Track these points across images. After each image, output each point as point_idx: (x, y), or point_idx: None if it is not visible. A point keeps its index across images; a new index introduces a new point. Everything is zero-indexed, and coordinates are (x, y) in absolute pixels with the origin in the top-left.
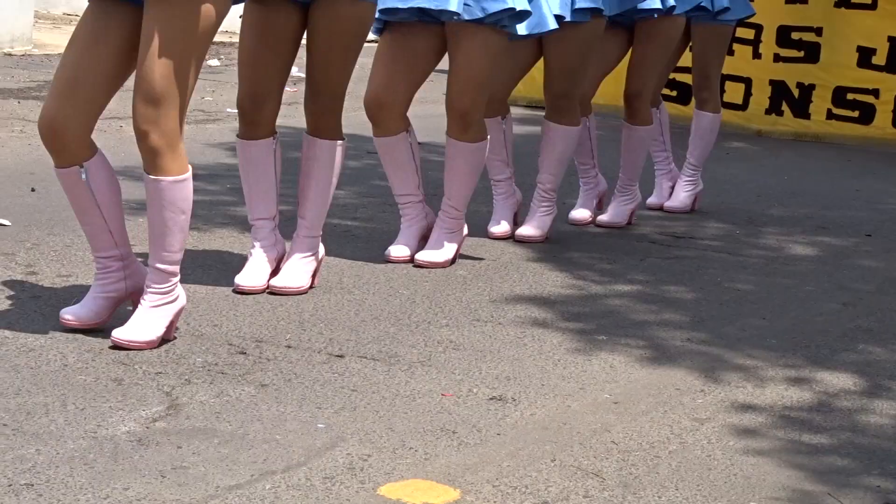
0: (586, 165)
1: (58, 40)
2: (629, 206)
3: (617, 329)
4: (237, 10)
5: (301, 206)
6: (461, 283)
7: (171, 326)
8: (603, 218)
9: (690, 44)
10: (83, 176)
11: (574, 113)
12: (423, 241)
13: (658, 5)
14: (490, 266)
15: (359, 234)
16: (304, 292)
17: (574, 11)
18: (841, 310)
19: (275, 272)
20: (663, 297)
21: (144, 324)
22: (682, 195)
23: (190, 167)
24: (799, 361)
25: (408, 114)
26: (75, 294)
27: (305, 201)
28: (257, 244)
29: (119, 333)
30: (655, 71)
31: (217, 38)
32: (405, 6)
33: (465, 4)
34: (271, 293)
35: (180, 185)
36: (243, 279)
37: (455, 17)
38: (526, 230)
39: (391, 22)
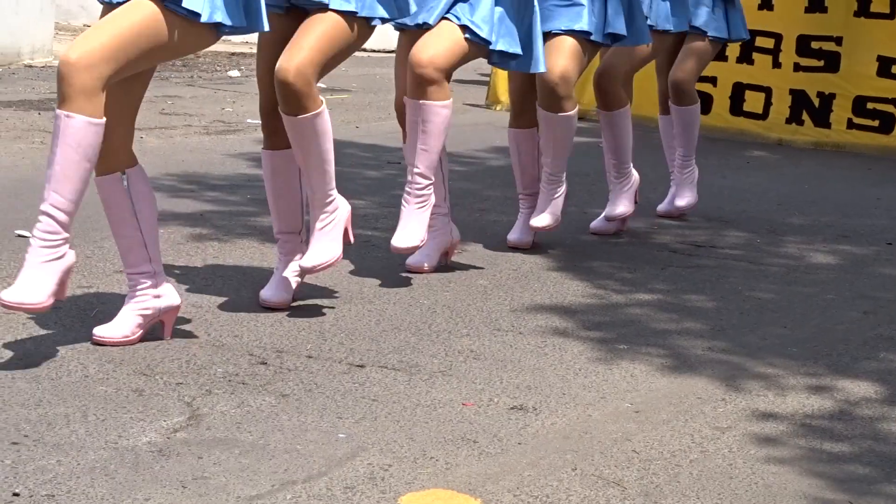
0: (619, 161)
1: None
2: (633, 191)
3: (638, 338)
4: None
5: (307, 189)
6: (481, 292)
7: (63, 286)
8: (613, 211)
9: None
10: (124, 183)
11: (570, 98)
12: (443, 257)
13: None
14: (510, 275)
15: (379, 245)
16: (336, 264)
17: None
18: (862, 318)
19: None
20: (684, 305)
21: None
22: (686, 190)
23: (104, 118)
24: (820, 370)
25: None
26: (96, 305)
27: (309, 183)
28: (282, 258)
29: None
30: (702, 65)
31: (237, 50)
32: (412, 24)
33: (444, 17)
34: (302, 274)
35: (92, 128)
36: (267, 293)
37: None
38: (540, 220)
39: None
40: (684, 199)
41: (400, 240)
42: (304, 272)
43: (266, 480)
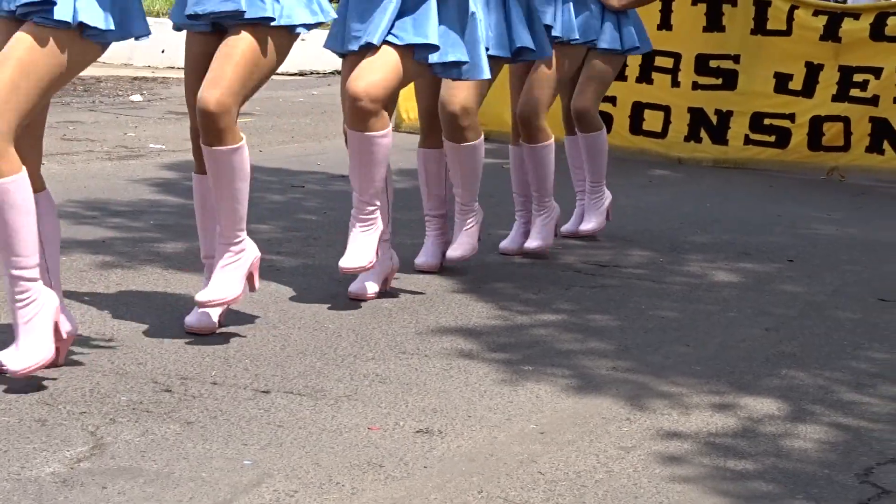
0: (523, 196)
1: None
2: (553, 223)
3: (543, 359)
4: (159, 46)
5: (218, 222)
6: (387, 315)
7: (59, 329)
8: (532, 244)
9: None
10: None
11: (476, 128)
12: (383, 285)
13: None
14: (415, 298)
15: (283, 269)
16: (237, 301)
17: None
18: (764, 335)
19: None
20: (588, 326)
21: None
22: (595, 213)
23: (23, 169)
24: (723, 388)
25: None
26: None
27: (220, 214)
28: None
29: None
30: (604, 88)
31: (139, 74)
32: (357, 48)
33: (390, 33)
34: (200, 306)
35: (15, 185)
36: (193, 320)
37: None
38: (455, 251)
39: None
40: (590, 224)
41: (347, 261)
42: (198, 305)
43: None
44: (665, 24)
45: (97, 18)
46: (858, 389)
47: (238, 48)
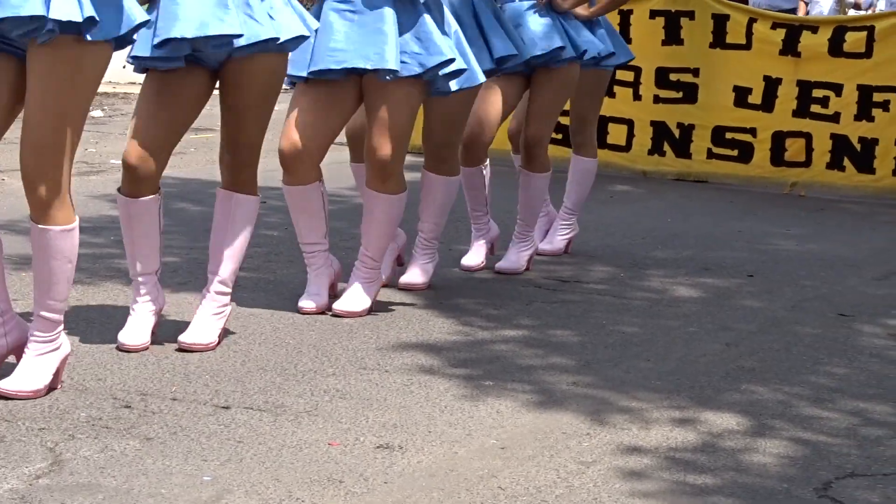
0: (479, 212)
1: None
2: (527, 253)
3: (503, 374)
4: (121, 61)
5: (213, 262)
6: (347, 331)
7: (58, 375)
8: (502, 265)
9: None
10: None
11: (455, 162)
12: (330, 290)
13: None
14: (376, 314)
15: (244, 285)
16: (212, 349)
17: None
18: (724, 350)
19: (157, 324)
20: (549, 341)
21: (30, 373)
22: (557, 238)
23: (77, 217)
24: (683, 402)
25: None
26: None
27: (219, 257)
28: (140, 300)
29: (5, 384)
30: (555, 117)
31: (100, 89)
32: (339, 67)
33: (401, 61)
34: (180, 350)
35: (68, 235)
36: (127, 337)
37: (389, 77)
38: (410, 277)
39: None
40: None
41: (343, 304)
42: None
43: None
44: (624, 37)
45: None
46: (818, 404)
47: (262, 88)
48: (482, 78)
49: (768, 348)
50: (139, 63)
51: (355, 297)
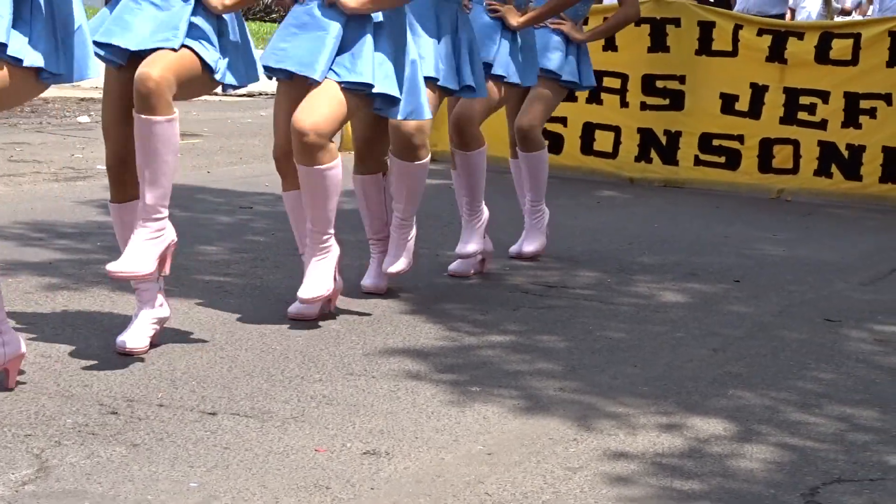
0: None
1: None
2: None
3: (490, 380)
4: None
5: (141, 188)
6: (334, 337)
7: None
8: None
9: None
10: None
11: (426, 147)
12: (327, 304)
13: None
14: (363, 319)
15: (231, 290)
16: (148, 277)
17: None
18: (711, 356)
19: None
20: (536, 346)
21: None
22: (537, 233)
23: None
24: (670, 408)
25: None
26: None
27: (144, 182)
28: (141, 306)
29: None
30: (549, 110)
31: (86, 95)
32: (276, 66)
33: (331, 69)
34: (113, 279)
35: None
36: (124, 339)
37: (309, 83)
38: (394, 266)
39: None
40: (532, 245)
41: (306, 291)
42: (113, 276)
43: None
44: (610, 45)
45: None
46: (804, 409)
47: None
48: (427, 115)
49: (755, 354)
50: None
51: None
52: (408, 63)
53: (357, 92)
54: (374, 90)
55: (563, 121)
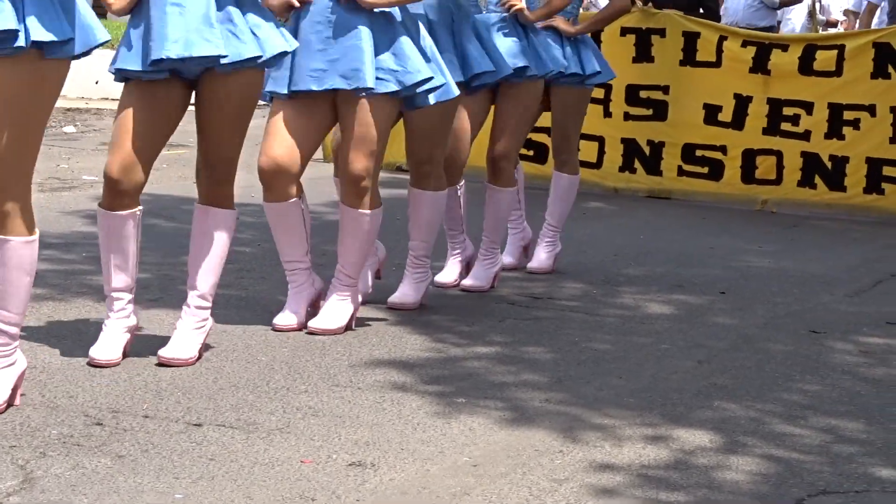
0: (455, 231)
1: None
2: (494, 270)
3: (476, 391)
4: (93, 77)
5: (193, 277)
6: (320, 348)
7: (16, 391)
8: (467, 282)
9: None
10: None
11: (440, 177)
12: (310, 308)
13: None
14: (349, 331)
15: (216, 301)
16: (192, 364)
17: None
18: (696, 367)
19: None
20: (522, 358)
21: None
22: (543, 256)
23: (38, 231)
24: (656, 420)
25: None
26: None
27: (198, 271)
28: (112, 316)
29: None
30: (522, 133)
31: (72, 105)
32: (320, 88)
33: (377, 78)
34: (160, 364)
35: (27, 246)
36: (97, 352)
37: (363, 94)
38: (401, 297)
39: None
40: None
41: (319, 322)
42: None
43: None
44: None
45: (52, 33)
46: (790, 421)
47: (238, 103)
48: (456, 91)
49: (740, 365)
50: (121, 74)
51: (331, 315)
52: (427, 48)
53: (393, 98)
54: (432, 84)
55: (547, 131)
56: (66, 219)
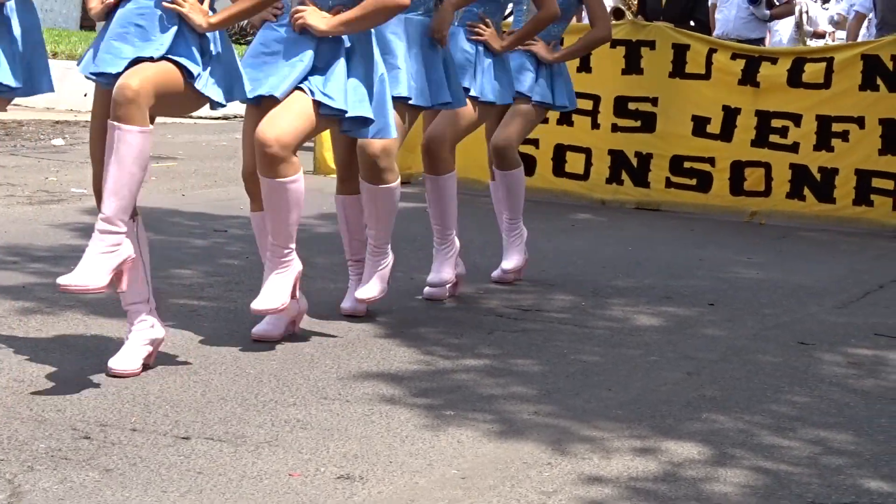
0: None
1: None
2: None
3: (464, 404)
4: (82, 90)
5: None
6: (308, 360)
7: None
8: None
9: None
10: None
11: (394, 171)
12: (290, 326)
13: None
14: (337, 343)
15: (205, 314)
16: (102, 290)
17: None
18: (685, 379)
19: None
20: (510, 370)
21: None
22: (515, 254)
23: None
24: (645, 432)
25: None
26: None
27: (105, 192)
28: (132, 328)
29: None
30: (528, 128)
31: (61, 118)
32: (252, 95)
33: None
34: (62, 291)
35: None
36: (116, 362)
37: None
38: (366, 291)
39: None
40: (511, 262)
41: (260, 302)
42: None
43: None
44: (584, 67)
45: (5, 77)
46: (779, 433)
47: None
48: (395, 134)
49: (729, 377)
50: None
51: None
52: (376, 80)
53: (328, 114)
54: (348, 115)
55: (535, 142)
56: (55, 231)
